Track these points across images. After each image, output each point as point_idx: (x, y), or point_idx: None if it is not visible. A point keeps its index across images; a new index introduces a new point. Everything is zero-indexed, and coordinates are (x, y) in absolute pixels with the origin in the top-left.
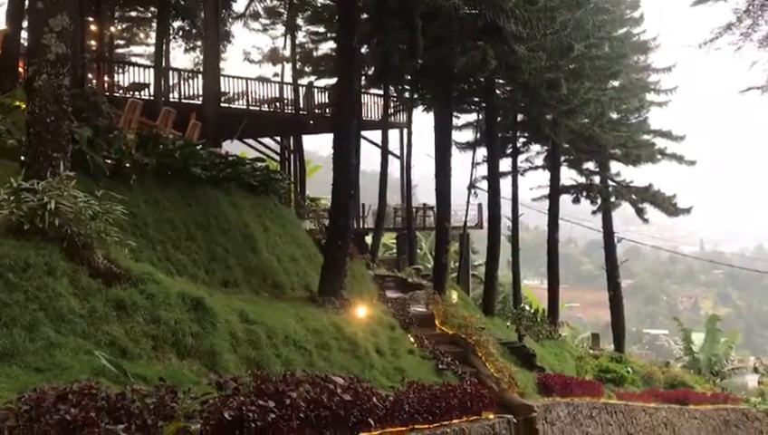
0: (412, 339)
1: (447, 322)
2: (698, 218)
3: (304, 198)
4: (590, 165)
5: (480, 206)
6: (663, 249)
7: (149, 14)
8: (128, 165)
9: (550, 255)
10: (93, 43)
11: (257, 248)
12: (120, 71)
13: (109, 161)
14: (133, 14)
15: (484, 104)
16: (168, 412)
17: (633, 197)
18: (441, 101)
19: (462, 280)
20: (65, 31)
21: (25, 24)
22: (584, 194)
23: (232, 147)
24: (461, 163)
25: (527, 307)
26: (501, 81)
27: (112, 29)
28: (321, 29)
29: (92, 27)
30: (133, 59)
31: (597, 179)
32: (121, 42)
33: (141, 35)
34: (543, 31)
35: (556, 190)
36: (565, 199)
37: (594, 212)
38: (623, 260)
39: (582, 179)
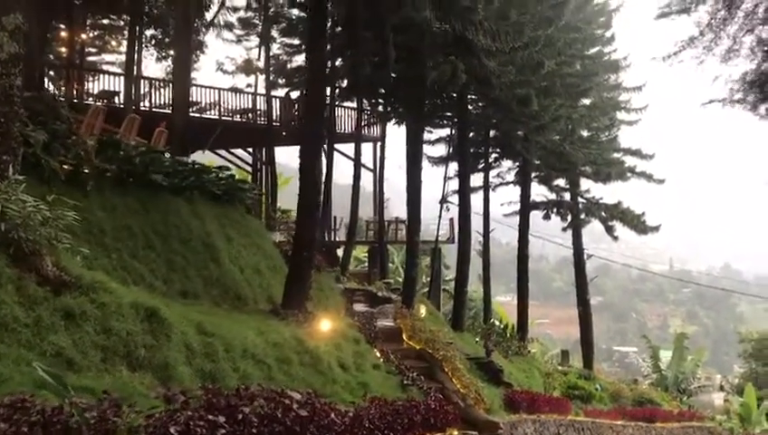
0: (378, 353)
1: (415, 336)
2: (667, 237)
3: (276, 209)
4: (561, 182)
5: (452, 220)
6: (633, 267)
7: (122, 23)
8: (86, 171)
9: (520, 271)
10: (64, 49)
11: (219, 259)
12: (92, 78)
13: (66, 166)
14: (105, 21)
15: (456, 119)
16: (109, 427)
17: (603, 214)
18: (413, 114)
19: (433, 295)
20: (18, 30)
21: None
22: (554, 210)
23: (204, 157)
24: (435, 177)
25: (497, 323)
26: (473, 96)
27: (84, 36)
28: (296, 41)
29: (63, 33)
30: (105, 67)
31: (567, 196)
32: (93, 49)
33: (114, 43)
34: (512, 44)
35: (526, 206)
36: (537, 216)
37: (564, 229)
38: (592, 277)
39: (553, 196)
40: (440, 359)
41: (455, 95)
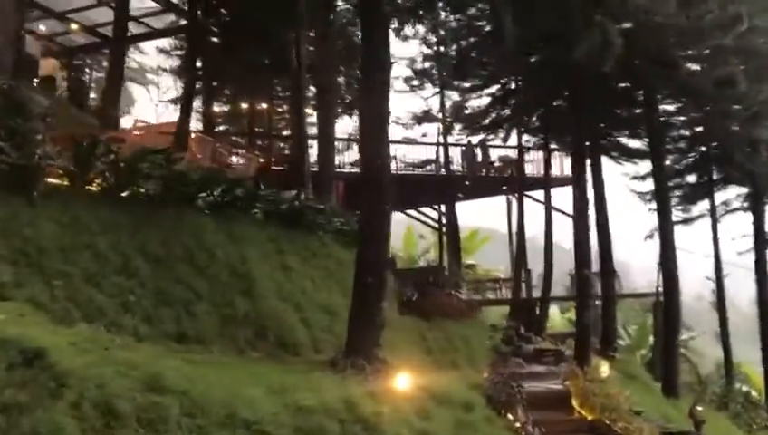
0: (516, 423)
1: (588, 402)
2: None
3: (459, 263)
4: None
5: None
6: None
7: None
8: (34, 175)
9: (762, 322)
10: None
11: (255, 292)
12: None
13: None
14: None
15: (644, 131)
16: None
17: None
18: (574, 124)
19: (658, 358)
20: None
21: None
22: None
23: (393, 218)
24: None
25: (740, 388)
26: (665, 104)
27: (264, 106)
28: (477, 81)
29: (243, 105)
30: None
31: None
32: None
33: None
34: None
35: (762, 239)
36: None
37: None
38: None
39: None
40: (620, 432)
41: (642, 100)
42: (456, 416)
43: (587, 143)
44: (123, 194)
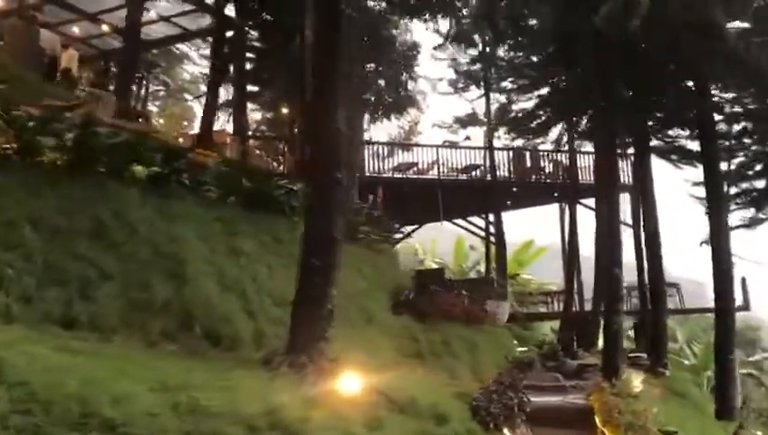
0: None
1: (612, 420)
2: None
3: (505, 275)
4: None
5: (744, 280)
6: None
7: None
8: None
9: None
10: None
11: (184, 276)
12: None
13: None
14: None
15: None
16: None
17: None
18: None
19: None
20: None
21: None
22: None
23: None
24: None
25: None
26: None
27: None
28: (525, 82)
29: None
30: None
31: None
32: None
33: None
34: None
35: None
36: None
37: None
38: None
39: None
40: None
41: (693, 86)
42: (420, 428)
43: (628, 140)
44: (42, 160)
